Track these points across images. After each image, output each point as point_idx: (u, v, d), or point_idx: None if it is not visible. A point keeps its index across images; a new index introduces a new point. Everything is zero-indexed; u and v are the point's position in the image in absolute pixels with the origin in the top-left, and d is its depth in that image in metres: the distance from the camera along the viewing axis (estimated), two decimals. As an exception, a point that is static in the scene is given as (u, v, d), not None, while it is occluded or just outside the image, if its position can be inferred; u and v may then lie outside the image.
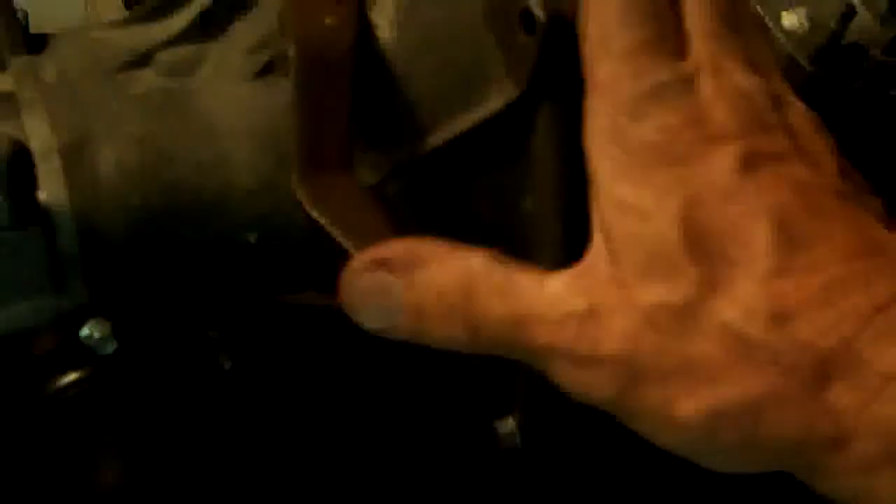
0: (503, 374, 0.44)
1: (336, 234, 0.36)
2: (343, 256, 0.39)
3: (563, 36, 0.37)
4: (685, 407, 0.29)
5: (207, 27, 0.44)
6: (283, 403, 0.43)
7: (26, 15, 0.49)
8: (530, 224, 0.42)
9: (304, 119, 0.38)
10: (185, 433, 0.42)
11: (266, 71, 0.42)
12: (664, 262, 0.29)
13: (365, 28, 0.40)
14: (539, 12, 0.37)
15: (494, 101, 0.40)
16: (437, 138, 0.40)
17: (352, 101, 0.39)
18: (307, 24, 0.39)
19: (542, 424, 0.44)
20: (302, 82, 0.38)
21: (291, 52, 0.39)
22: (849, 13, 0.47)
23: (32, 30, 0.47)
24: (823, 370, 0.27)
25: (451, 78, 0.41)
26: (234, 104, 0.41)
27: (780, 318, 0.28)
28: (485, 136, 0.40)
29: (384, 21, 0.41)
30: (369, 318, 0.33)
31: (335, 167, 0.38)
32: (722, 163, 0.30)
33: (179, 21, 0.44)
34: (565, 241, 0.42)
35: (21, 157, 0.37)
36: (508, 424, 0.46)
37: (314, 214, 0.37)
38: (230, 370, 0.41)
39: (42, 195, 0.39)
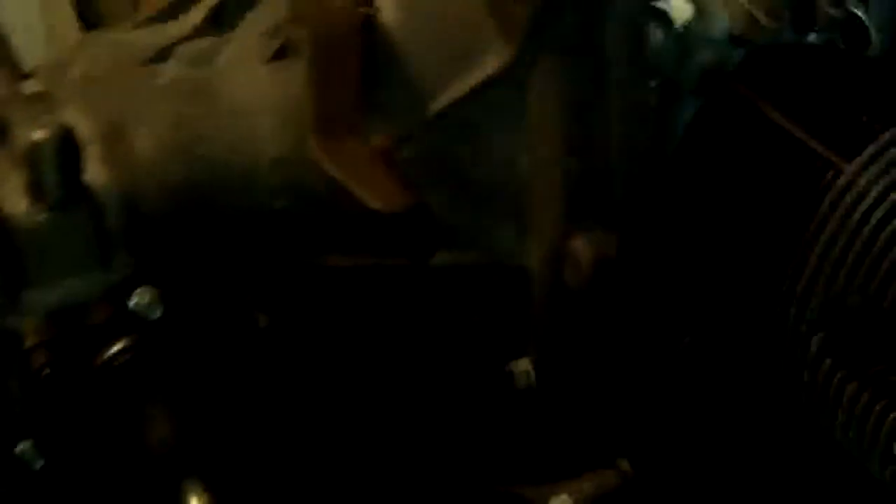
0: (518, 317, 0.48)
1: (350, 185, 0.41)
2: (361, 215, 0.44)
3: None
4: None
5: (220, 22, 0.48)
6: (314, 353, 0.47)
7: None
8: (526, 182, 0.47)
9: (319, 91, 0.43)
10: (227, 386, 0.46)
11: (280, 55, 0.46)
12: None
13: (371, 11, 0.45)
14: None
15: (490, 66, 0.45)
16: (440, 103, 0.45)
17: (361, 74, 0.43)
18: (320, 8, 0.43)
19: (555, 364, 0.49)
20: (316, 59, 0.43)
21: (306, 34, 0.43)
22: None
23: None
24: None
25: (450, 48, 0.45)
26: (255, 86, 0.46)
27: None
28: (484, 100, 0.45)
29: (388, 3, 0.45)
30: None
31: (347, 132, 0.43)
32: None
33: (194, 18, 0.49)
34: (566, 198, 0.47)
35: (68, 141, 0.41)
36: (523, 364, 0.51)
37: (330, 170, 0.41)
38: (266, 328, 0.45)
39: (86, 178, 0.43)
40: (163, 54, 0.47)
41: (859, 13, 0.61)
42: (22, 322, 0.43)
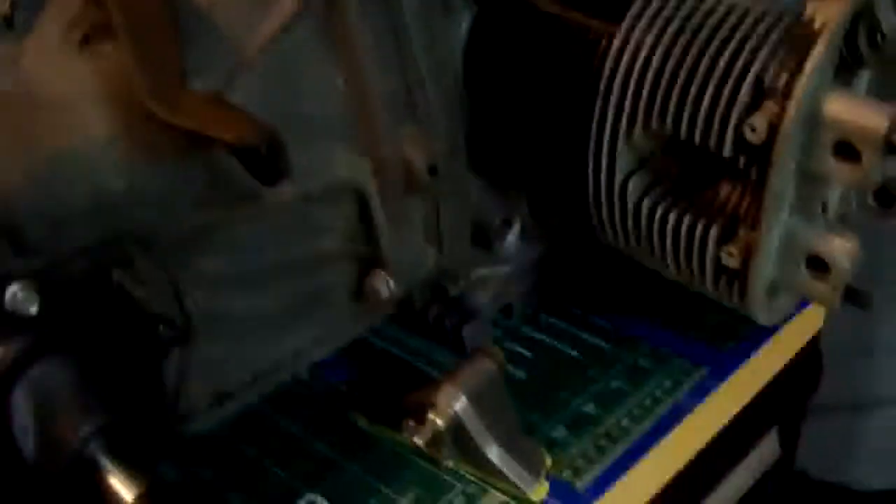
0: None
1: (203, 129, 0.43)
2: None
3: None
4: None
5: (14, 27, 0.50)
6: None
7: None
8: (348, 103, 0.50)
9: (144, 61, 0.45)
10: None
11: (86, 42, 0.48)
12: None
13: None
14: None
15: (287, 7, 0.48)
16: (251, 50, 0.48)
17: (178, 33, 0.46)
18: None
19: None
20: (133, 32, 0.45)
21: (115, 12, 0.45)
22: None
23: None
24: None
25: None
26: (69, 77, 0.47)
27: None
28: (291, 38, 0.48)
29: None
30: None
31: (178, 85, 0.45)
32: None
33: (-14, 31, 0.50)
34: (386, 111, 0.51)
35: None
36: (379, 277, 0.54)
37: (175, 121, 0.43)
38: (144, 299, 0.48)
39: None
40: (-33, 70, 0.48)
41: None
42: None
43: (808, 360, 0.70)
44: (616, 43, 0.53)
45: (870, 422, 1.03)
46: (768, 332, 0.65)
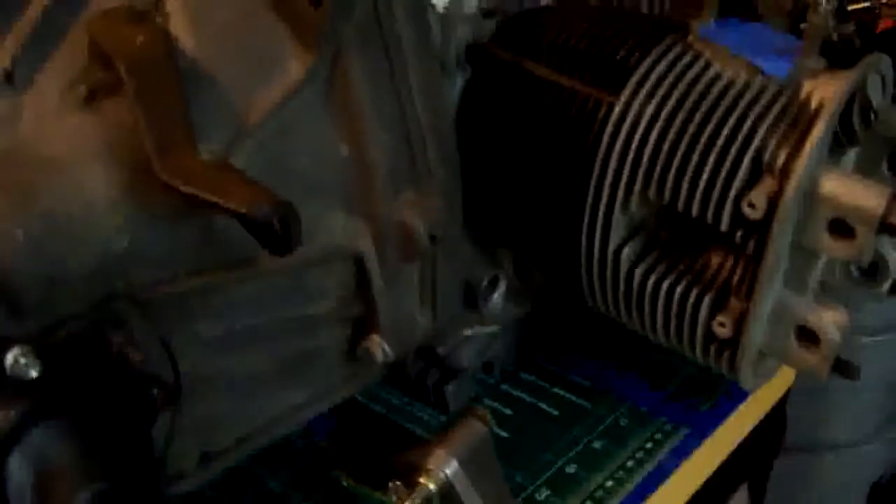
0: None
1: (211, 198, 0.42)
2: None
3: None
4: None
5: (14, 83, 0.48)
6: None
7: None
8: (348, 168, 0.50)
9: (150, 119, 0.44)
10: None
11: (89, 100, 0.47)
12: None
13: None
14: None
15: (294, 72, 0.48)
16: (254, 116, 0.47)
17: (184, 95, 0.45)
18: (125, 47, 0.45)
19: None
20: (138, 91, 0.44)
21: (121, 70, 0.44)
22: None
23: None
24: None
25: (252, 62, 0.48)
26: (70, 136, 0.46)
27: None
28: (295, 102, 0.48)
29: (182, 32, 0.47)
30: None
31: (186, 150, 0.44)
32: None
33: (-15, 86, 0.48)
34: (387, 172, 0.50)
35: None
36: (375, 341, 0.54)
37: (184, 189, 0.43)
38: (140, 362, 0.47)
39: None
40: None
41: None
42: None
43: (776, 415, 0.71)
44: (616, 112, 0.53)
45: (825, 463, 1.04)
46: (744, 390, 0.66)
